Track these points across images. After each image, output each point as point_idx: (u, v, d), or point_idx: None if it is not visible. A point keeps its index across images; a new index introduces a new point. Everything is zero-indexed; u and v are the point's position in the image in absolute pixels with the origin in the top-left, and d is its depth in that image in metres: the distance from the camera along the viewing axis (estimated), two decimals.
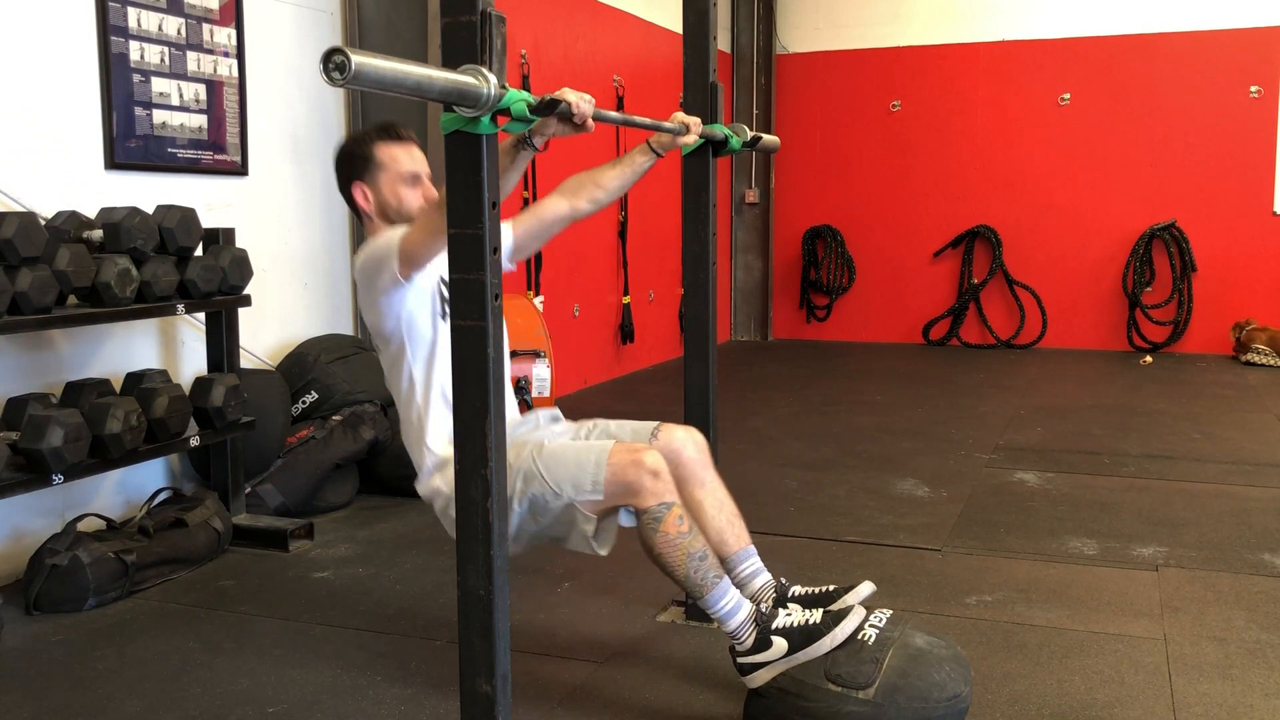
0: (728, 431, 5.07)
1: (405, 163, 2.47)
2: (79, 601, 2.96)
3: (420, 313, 2.36)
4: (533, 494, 2.27)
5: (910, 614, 2.77)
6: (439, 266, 2.33)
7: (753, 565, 2.43)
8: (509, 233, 2.56)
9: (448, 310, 2.42)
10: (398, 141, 2.48)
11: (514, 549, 2.31)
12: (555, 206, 2.57)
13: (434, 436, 2.38)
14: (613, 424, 2.54)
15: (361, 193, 2.49)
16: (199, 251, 3.51)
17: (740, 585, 2.38)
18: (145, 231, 3.21)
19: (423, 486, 2.42)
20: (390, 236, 2.28)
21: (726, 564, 2.39)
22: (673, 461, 2.37)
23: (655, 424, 2.49)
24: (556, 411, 2.61)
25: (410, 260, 2.21)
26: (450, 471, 2.33)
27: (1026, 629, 2.76)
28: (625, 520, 2.30)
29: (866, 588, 2.36)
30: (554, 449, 2.31)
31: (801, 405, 5.96)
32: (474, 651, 1.82)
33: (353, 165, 2.51)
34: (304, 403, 4.08)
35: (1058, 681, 2.45)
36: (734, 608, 2.20)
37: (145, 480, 3.70)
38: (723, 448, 3.47)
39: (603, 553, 2.29)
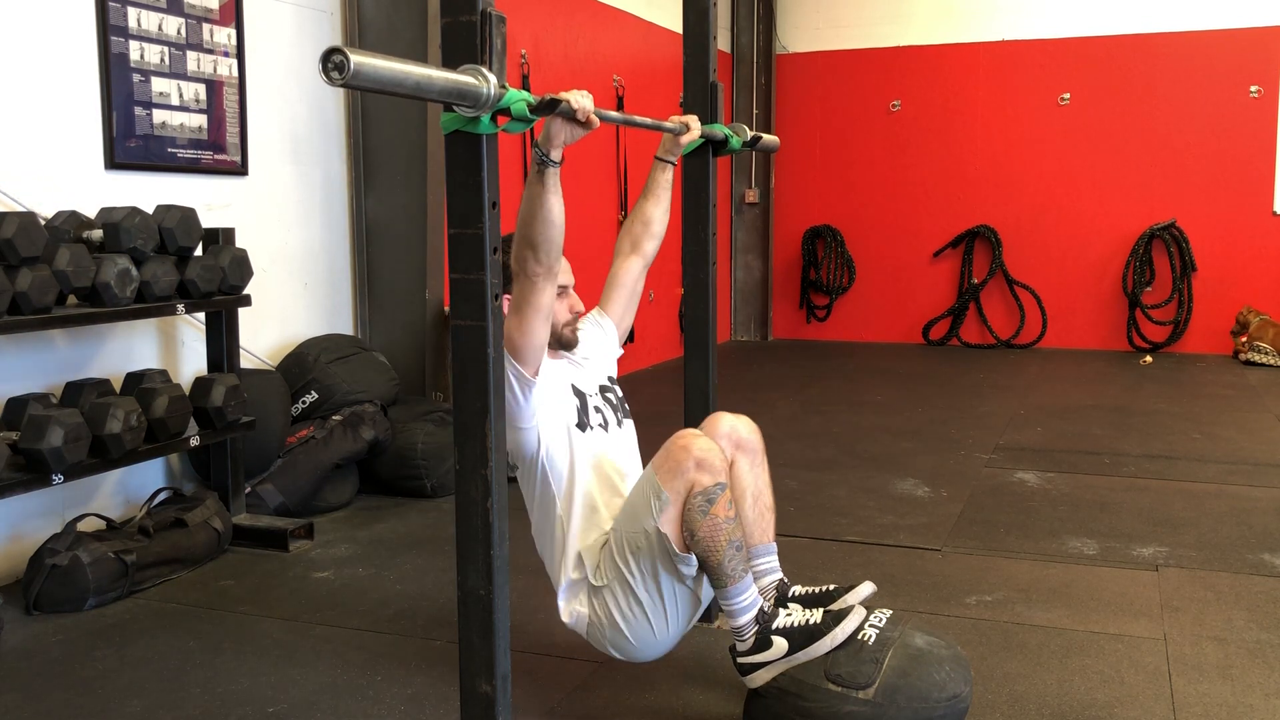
0: None
1: None
2: (79, 601, 2.96)
3: (555, 424, 2.34)
4: (629, 557, 2.23)
5: (910, 614, 2.77)
6: (568, 375, 2.40)
7: (769, 562, 2.43)
8: (608, 320, 2.64)
9: (588, 419, 2.40)
10: None
11: (670, 642, 2.31)
12: (629, 267, 2.67)
13: (577, 554, 2.34)
14: None
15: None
16: (199, 251, 3.51)
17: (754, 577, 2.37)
18: (145, 231, 3.21)
19: (564, 608, 2.36)
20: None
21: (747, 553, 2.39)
22: (731, 441, 2.39)
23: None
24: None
25: (516, 348, 2.19)
26: (595, 596, 2.30)
27: (1026, 629, 2.76)
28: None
29: (867, 587, 2.36)
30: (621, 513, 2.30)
31: (801, 405, 5.96)
32: (474, 651, 1.82)
33: (501, 275, 2.47)
34: (304, 403, 4.07)
35: (1058, 681, 2.45)
36: (749, 605, 2.20)
37: (145, 480, 3.70)
38: None
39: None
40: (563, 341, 2.46)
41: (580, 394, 2.43)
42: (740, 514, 2.35)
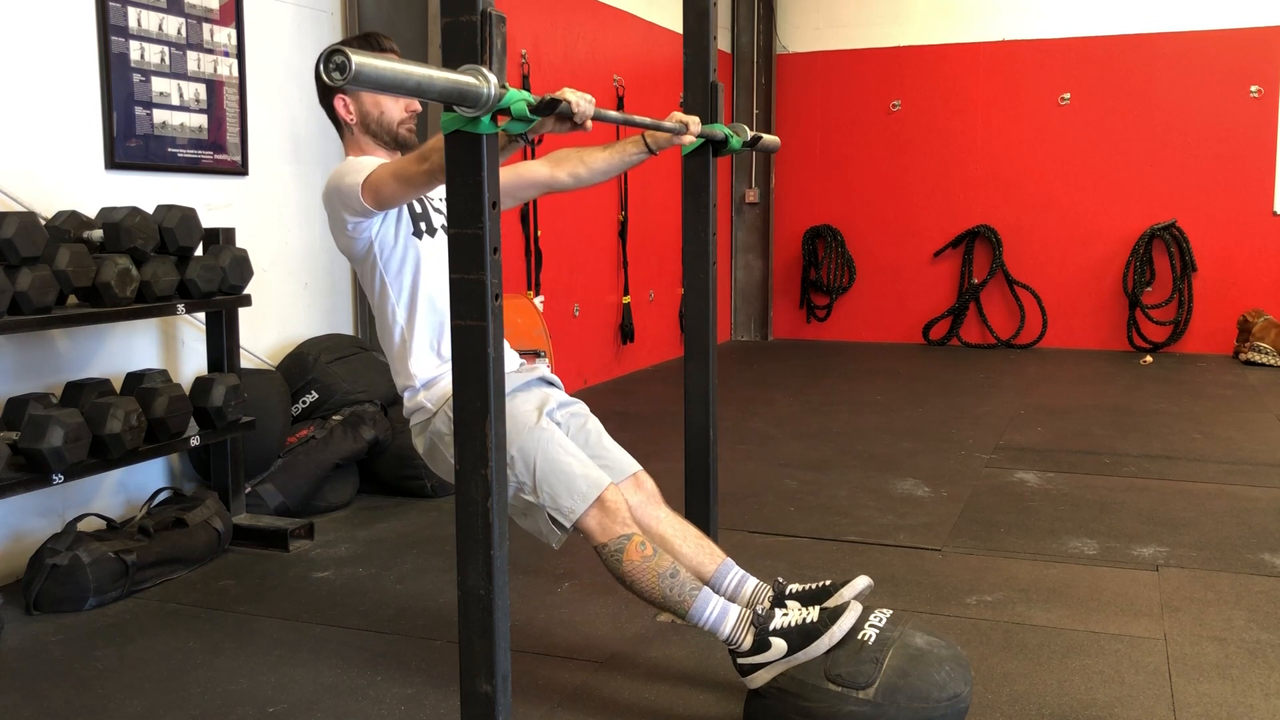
0: (728, 431, 5.07)
1: None
2: (79, 601, 2.96)
3: (392, 233, 2.39)
4: (516, 475, 2.28)
5: (910, 614, 2.77)
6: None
7: (736, 575, 2.44)
8: None
9: (423, 227, 2.44)
10: (379, 53, 2.49)
11: None
12: (536, 170, 2.61)
13: (419, 355, 2.40)
14: (606, 439, 2.55)
15: (343, 103, 2.51)
16: (199, 251, 3.51)
17: (732, 598, 2.39)
18: (145, 231, 3.21)
19: (408, 403, 2.43)
20: (360, 166, 2.30)
21: (710, 584, 2.41)
22: (642, 492, 2.47)
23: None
24: (552, 375, 2.61)
25: (377, 197, 2.23)
26: (437, 390, 2.36)
27: (1026, 629, 2.76)
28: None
29: (862, 581, 2.36)
30: (553, 456, 2.30)
31: (801, 405, 5.96)
32: (474, 651, 1.82)
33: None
34: (304, 403, 4.08)
35: (1058, 681, 2.45)
36: (720, 615, 2.20)
37: (145, 480, 3.70)
38: (723, 448, 3.48)
39: (555, 546, 2.33)
40: (399, 141, 2.51)
41: (422, 202, 2.45)
42: (683, 554, 2.42)
